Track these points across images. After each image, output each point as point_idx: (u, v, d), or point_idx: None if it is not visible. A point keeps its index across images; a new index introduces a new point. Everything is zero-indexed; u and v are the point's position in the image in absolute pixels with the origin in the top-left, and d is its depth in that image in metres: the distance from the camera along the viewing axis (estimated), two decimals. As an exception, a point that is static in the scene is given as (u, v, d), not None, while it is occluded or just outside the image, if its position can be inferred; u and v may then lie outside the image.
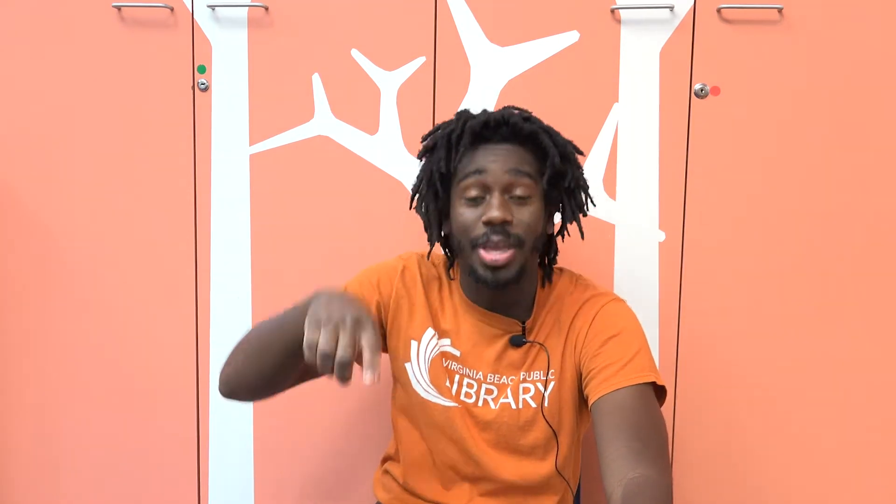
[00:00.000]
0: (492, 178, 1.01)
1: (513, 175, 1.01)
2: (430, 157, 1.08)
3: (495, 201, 1.00)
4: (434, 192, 1.06)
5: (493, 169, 1.01)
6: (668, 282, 1.34)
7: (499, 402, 1.09)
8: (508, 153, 1.03)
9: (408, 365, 1.12)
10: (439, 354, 1.11)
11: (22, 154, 1.43)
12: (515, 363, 1.09)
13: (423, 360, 1.11)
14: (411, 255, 1.16)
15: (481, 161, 1.02)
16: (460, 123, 1.05)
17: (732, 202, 1.32)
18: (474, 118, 1.05)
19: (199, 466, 1.46)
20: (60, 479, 1.49)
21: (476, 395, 1.10)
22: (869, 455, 1.34)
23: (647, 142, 1.32)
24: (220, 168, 1.40)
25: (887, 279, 1.31)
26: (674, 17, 1.29)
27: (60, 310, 1.46)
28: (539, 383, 1.09)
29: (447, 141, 1.05)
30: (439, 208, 1.08)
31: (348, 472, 1.43)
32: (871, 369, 1.32)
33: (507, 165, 1.02)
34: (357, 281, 1.14)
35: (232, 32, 1.37)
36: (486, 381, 1.09)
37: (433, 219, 1.08)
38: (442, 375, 1.10)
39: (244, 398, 1.12)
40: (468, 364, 1.10)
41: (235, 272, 1.41)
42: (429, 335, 1.11)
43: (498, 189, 1.01)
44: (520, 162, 1.03)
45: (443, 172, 1.04)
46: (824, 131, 1.29)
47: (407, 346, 1.12)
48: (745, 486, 1.37)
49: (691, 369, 1.35)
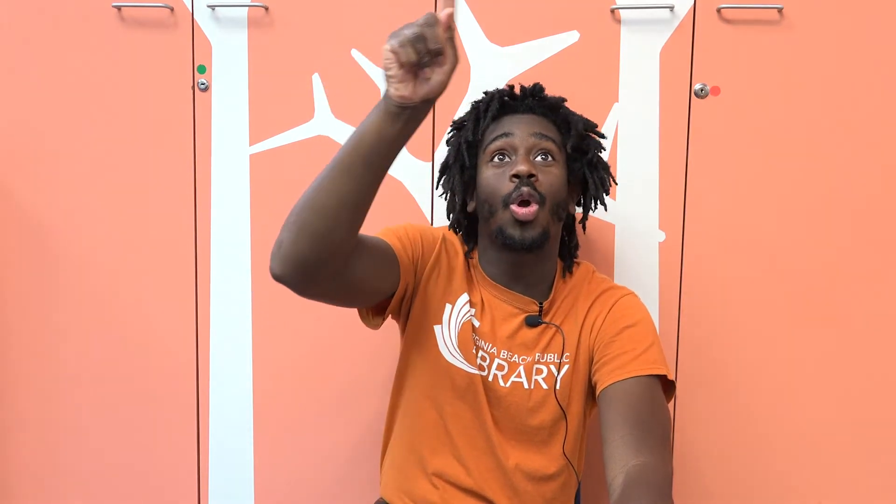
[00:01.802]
0: (518, 140, 1.08)
1: (537, 138, 1.08)
2: (457, 133, 1.15)
3: (520, 157, 1.06)
4: (461, 165, 1.12)
5: (519, 132, 1.08)
6: (668, 282, 1.34)
7: (510, 379, 1.10)
8: (534, 120, 1.10)
9: (437, 327, 1.11)
10: (468, 321, 1.11)
11: (22, 154, 1.43)
12: (528, 343, 1.11)
13: (455, 325, 1.11)
14: (448, 229, 1.18)
15: (507, 125, 1.09)
16: (489, 95, 1.13)
17: (732, 202, 1.32)
18: (503, 90, 1.13)
19: (199, 466, 1.46)
20: (61, 479, 1.49)
21: (488, 370, 1.11)
22: (869, 452, 1.34)
23: (647, 142, 1.32)
24: (220, 168, 1.40)
25: (887, 278, 1.31)
26: (674, 17, 1.29)
27: (60, 310, 1.46)
28: (553, 366, 1.10)
29: (475, 113, 1.12)
30: (465, 180, 1.13)
31: (348, 473, 1.43)
32: (871, 367, 1.32)
33: (532, 129, 1.08)
34: (395, 228, 1.11)
35: (232, 32, 1.37)
36: (498, 356, 1.11)
37: (458, 192, 1.13)
38: (469, 342, 1.11)
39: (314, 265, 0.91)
40: (484, 337, 1.11)
41: (235, 272, 1.41)
42: (462, 300, 1.12)
43: (523, 149, 1.07)
44: (544, 128, 1.10)
45: (469, 141, 1.11)
46: (824, 131, 1.29)
47: (440, 309, 1.11)
48: (746, 484, 1.37)
49: (691, 369, 1.35)
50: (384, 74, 0.85)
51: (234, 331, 1.42)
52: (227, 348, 1.43)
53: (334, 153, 1.41)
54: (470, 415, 1.11)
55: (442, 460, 1.12)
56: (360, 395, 1.41)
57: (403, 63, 0.83)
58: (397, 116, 0.86)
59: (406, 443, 1.16)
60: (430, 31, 0.82)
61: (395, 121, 0.86)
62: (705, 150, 1.31)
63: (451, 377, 1.11)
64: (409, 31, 0.83)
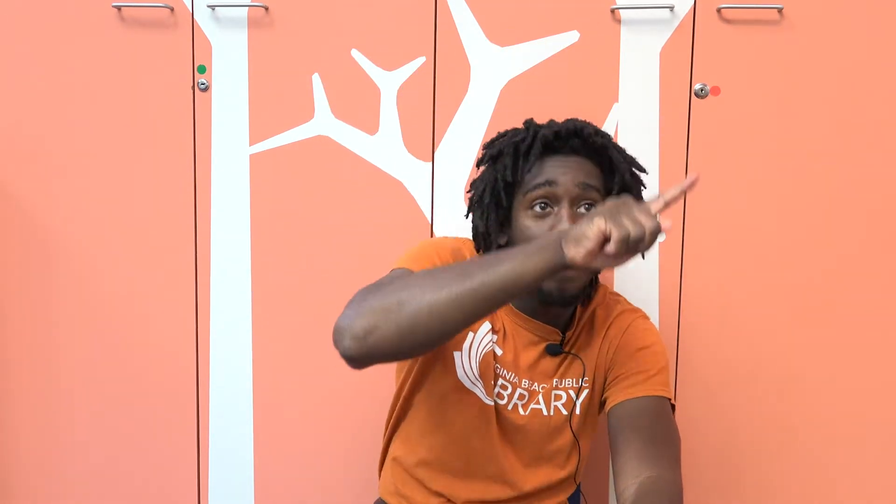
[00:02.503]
0: (562, 190, 0.99)
1: (582, 188, 1.00)
2: (493, 164, 1.05)
3: (565, 213, 0.99)
4: (496, 202, 1.04)
5: (564, 181, 1.00)
6: (668, 282, 1.34)
7: (529, 407, 1.09)
8: (579, 165, 1.01)
9: (457, 354, 1.08)
10: (490, 350, 1.08)
11: (22, 154, 1.43)
12: (548, 371, 1.09)
13: (476, 353, 1.08)
14: (468, 241, 1.12)
15: (550, 172, 1.00)
16: (530, 133, 1.03)
17: (732, 202, 1.32)
18: (545, 127, 1.03)
19: (199, 466, 1.46)
20: (61, 479, 1.49)
21: (508, 399, 1.09)
22: (869, 454, 1.34)
23: (647, 142, 1.32)
24: (220, 168, 1.40)
25: (887, 279, 1.31)
26: (674, 17, 1.29)
27: (60, 310, 1.46)
28: (571, 391, 1.09)
29: (514, 150, 1.02)
30: (500, 218, 1.05)
31: (348, 473, 1.43)
32: (871, 368, 1.32)
33: (577, 178, 1.00)
34: (413, 256, 1.05)
35: (232, 32, 1.37)
36: (520, 386, 1.09)
37: (494, 229, 1.05)
38: (490, 371, 1.08)
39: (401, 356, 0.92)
40: (506, 366, 1.08)
41: (235, 272, 1.41)
42: (485, 329, 1.08)
43: (567, 201, 1.00)
44: (589, 175, 1.01)
45: (508, 181, 1.02)
46: (824, 131, 1.29)
47: (462, 336, 1.07)
48: (746, 485, 1.37)
49: (691, 369, 1.35)
50: (576, 234, 0.79)
51: (234, 331, 1.42)
52: (227, 348, 1.43)
53: (334, 153, 1.41)
54: (480, 444, 1.09)
55: (445, 482, 1.12)
56: (360, 395, 1.41)
57: (604, 247, 0.78)
58: (557, 271, 0.82)
59: (409, 455, 1.15)
60: (652, 240, 0.78)
61: (553, 272, 0.82)
62: (705, 150, 1.31)
63: (465, 404, 1.09)
64: (635, 230, 0.76)
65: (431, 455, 1.12)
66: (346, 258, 1.37)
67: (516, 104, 1.32)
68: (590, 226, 0.78)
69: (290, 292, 1.41)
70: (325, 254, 1.39)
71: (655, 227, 0.77)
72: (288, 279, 1.40)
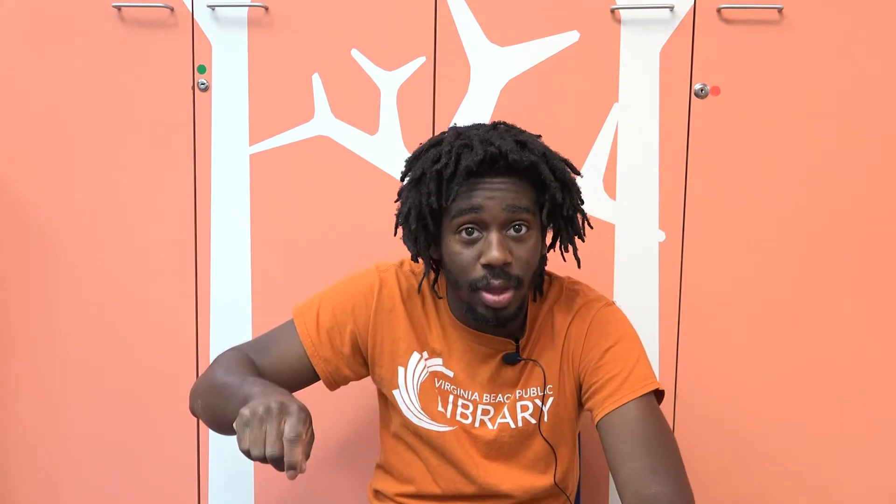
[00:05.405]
0: (489, 216, 0.94)
1: (510, 211, 0.94)
2: (417, 187, 0.98)
3: (494, 240, 0.94)
4: (424, 225, 0.98)
5: (490, 206, 0.94)
6: (668, 282, 1.34)
7: (496, 421, 1.07)
8: (506, 188, 0.95)
9: (396, 392, 1.07)
10: (430, 376, 1.07)
11: (22, 154, 1.43)
12: (510, 381, 1.06)
13: (413, 387, 1.07)
14: (389, 269, 1.09)
15: (477, 197, 0.94)
16: (452, 158, 0.95)
17: (732, 202, 1.32)
18: (467, 152, 0.95)
19: (199, 466, 1.46)
20: (61, 479, 1.49)
21: (473, 416, 1.07)
22: (870, 455, 1.34)
23: (647, 142, 1.32)
24: (220, 168, 1.40)
25: (888, 279, 1.31)
26: (674, 17, 1.29)
27: (60, 310, 1.46)
28: (537, 399, 1.06)
29: (437, 176, 0.95)
30: (428, 239, 1.00)
31: (347, 473, 1.43)
32: (871, 369, 1.32)
33: (504, 202, 0.94)
34: (330, 305, 1.08)
35: (232, 32, 1.37)
36: (482, 402, 1.06)
37: (423, 250, 1.01)
38: (433, 399, 1.07)
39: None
40: (462, 385, 1.06)
41: (235, 272, 1.41)
42: (415, 359, 1.06)
43: (496, 227, 0.94)
44: (518, 196, 0.95)
45: (434, 207, 0.96)
46: (824, 131, 1.29)
47: (393, 374, 1.07)
48: (746, 485, 1.37)
49: (691, 369, 1.35)
50: (238, 422, 0.85)
51: (234, 331, 1.42)
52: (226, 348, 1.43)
53: (334, 153, 1.41)
54: (453, 470, 1.08)
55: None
56: (359, 395, 1.41)
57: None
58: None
59: (389, 488, 1.15)
60: (277, 465, 0.81)
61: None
62: (705, 150, 1.31)
63: (423, 437, 1.08)
64: (256, 451, 0.82)
65: (411, 487, 1.12)
66: (346, 258, 1.37)
67: (516, 104, 1.32)
68: (239, 420, 0.83)
69: (290, 292, 1.40)
70: (326, 254, 1.39)
71: (275, 455, 0.79)
72: (288, 279, 1.40)
